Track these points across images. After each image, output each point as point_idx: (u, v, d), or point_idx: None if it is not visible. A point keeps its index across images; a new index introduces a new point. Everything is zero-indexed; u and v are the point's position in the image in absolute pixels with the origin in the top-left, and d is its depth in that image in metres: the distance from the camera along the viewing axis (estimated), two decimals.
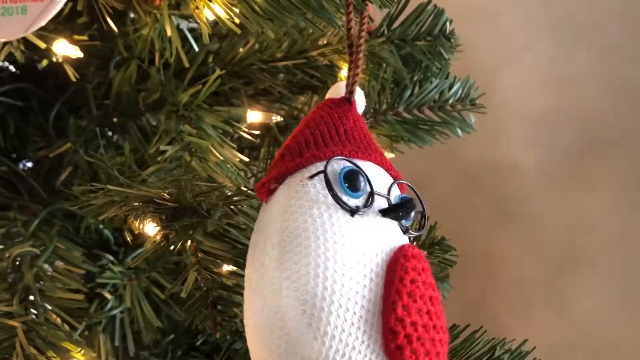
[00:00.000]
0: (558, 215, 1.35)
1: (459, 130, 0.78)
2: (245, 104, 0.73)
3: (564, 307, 1.35)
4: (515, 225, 1.40)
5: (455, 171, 1.46)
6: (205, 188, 0.48)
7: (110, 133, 0.74)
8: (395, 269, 0.42)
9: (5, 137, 0.66)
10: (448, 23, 0.75)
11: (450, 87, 0.77)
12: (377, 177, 0.47)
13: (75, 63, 0.67)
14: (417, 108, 0.76)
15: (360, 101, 0.53)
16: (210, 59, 0.73)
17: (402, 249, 0.43)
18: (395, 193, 0.47)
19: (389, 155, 0.75)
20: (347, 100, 0.51)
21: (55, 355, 0.49)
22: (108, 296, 0.61)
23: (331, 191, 0.42)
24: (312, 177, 0.43)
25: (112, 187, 0.45)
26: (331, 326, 0.39)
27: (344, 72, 0.76)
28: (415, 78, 0.75)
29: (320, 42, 0.73)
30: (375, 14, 0.79)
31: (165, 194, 0.45)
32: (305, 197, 0.43)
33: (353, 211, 0.43)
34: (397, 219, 0.45)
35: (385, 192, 0.46)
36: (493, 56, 1.40)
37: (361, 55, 0.52)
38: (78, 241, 0.62)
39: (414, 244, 0.75)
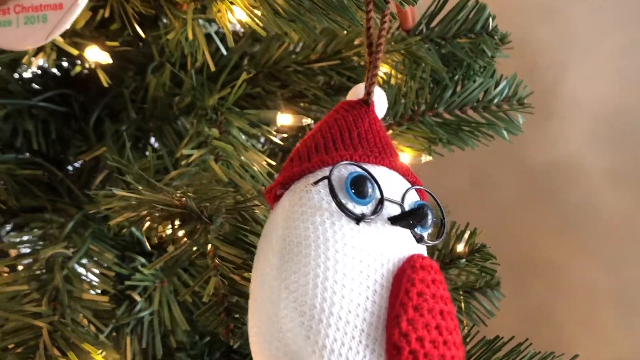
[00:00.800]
0: (629, 221, 1.26)
1: (504, 132, 0.74)
2: (282, 106, 0.73)
3: (637, 321, 1.26)
4: (583, 230, 1.32)
5: (520, 173, 1.40)
6: (218, 193, 0.47)
7: (152, 137, 0.75)
8: (401, 280, 0.40)
9: (47, 141, 0.68)
10: (491, 19, 0.71)
11: (496, 86, 0.73)
12: (391, 182, 0.44)
13: (114, 68, 0.68)
14: (459, 108, 0.73)
15: (380, 103, 0.51)
16: (246, 62, 0.73)
17: (410, 259, 0.41)
18: (411, 200, 0.45)
19: (426, 158, 0.72)
20: (365, 102, 0.49)
21: (76, 357, 0.50)
22: (137, 298, 0.61)
23: (335, 198, 0.41)
24: (316, 182, 0.42)
25: (120, 192, 0.45)
26: (330, 339, 0.37)
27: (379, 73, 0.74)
28: (456, 77, 0.72)
29: (355, 42, 0.72)
30: (415, 12, 0.76)
31: (175, 200, 0.44)
32: (308, 203, 0.41)
33: (358, 219, 0.41)
34: (409, 227, 0.42)
35: (398, 198, 0.43)
36: (559, 53, 1.33)
37: (380, 55, 0.49)
38: (111, 243, 0.63)
39: (453, 251, 0.72)
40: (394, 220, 0.42)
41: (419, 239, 0.44)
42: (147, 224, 0.50)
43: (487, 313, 0.87)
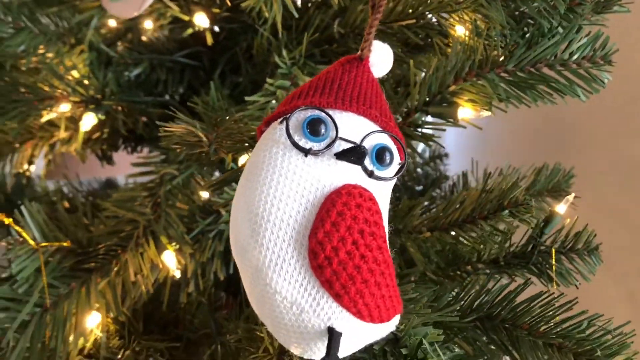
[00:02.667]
0: None
1: (579, 91, 0.73)
2: None
3: None
4: None
5: None
6: None
7: None
8: (326, 201, 0.49)
9: (181, 89, 0.87)
10: None
11: (575, 42, 0.72)
12: (353, 126, 0.53)
13: (229, 32, 0.85)
14: (532, 65, 0.74)
15: (381, 60, 0.58)
16: (336, 23, 0.83)
17: (343, 187, 0.50)
18: (374, 142, 0.53)
19: (486, 114, 0.74)
20: (359, 58, 0.57)
21: (155, 246, 0.69)
22: (223, 212, 0.78)
23: (287, 133, 0.51)
24: (281, 121, 0.53)
25: (167, 126, 0.60)
26: (267, 239, 0.49)
27: (459, 30, 0.77)
28: (527, 34, 0.73)
29: (429, 1, 0.76)
30: None
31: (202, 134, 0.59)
32: (271, 137, 0.53)
33: (306, 152, 0.51)
34: (350, 161, 0.51)
35: (356, 139, 0.52)
36: None
37: (379, 15, 0.57)
38: (210, 170, 0.81)
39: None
40: (337, 156, 0.51)
41: (370, 174, 0.52)
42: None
43: (582, 278, 0.87)
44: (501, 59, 0.73)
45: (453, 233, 0.75)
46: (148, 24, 0.83)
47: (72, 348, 0.58)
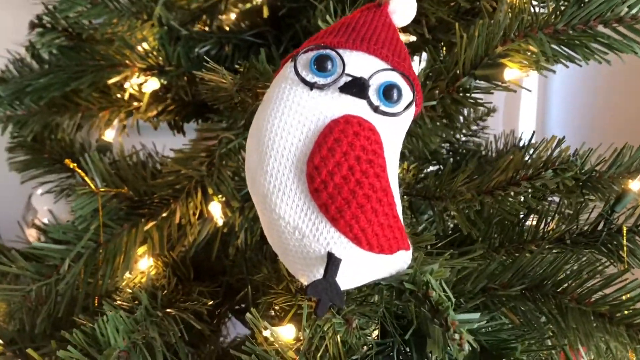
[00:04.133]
0: None
1: (637, 48, 0.69)
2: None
3: None
4: None
5: None
6: None
7: None
8: (324, 129, 0.51)
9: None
10: None
11: None
12: (363, 64, 0.55)
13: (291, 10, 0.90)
14: (584, 23, 0.71)
15: (403, 9, 0.60)
16: None
17: (342, 116, 0.52)
18: (383, 79, 0.54)
19: (533, 72, 0.72)
20: (378, 4, 0.59)
21: (203, 197, 0.74)
22: None
23: (295, 69, 0.54)
24: (292, 60, 0.56)
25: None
26: (270, 166, 0.52)
27: None
28: None
29: None
30: None
31: None
32: (282, 74, 0.56)
33: (311, 85, 0.53)
34: (352, 94, 0.53)
35: (364, 76, 0.54)
36: None
37: None
38: None
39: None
40: (340, 89, 0.53)
41: (375, 109, 0.53)
42: None
43: None
44: (552, 18, 0.71)
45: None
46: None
47: (119, 279, 0.64)
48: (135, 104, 0.88)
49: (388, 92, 0.53)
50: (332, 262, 0.51)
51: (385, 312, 0.68)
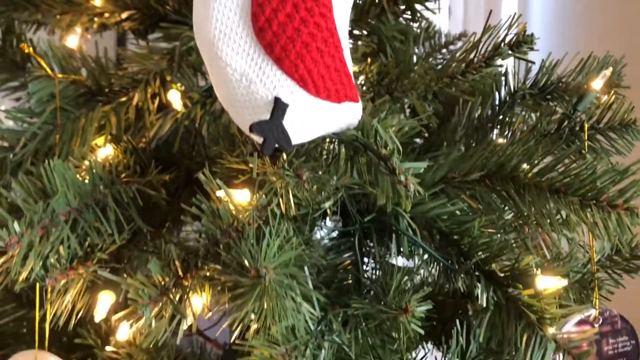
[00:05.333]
0: None
1: None
2: None
3: None
4: None
5: None
6: None
7: None
8: None
9: None
10: None
11: None
12: None
13: None
14: None
15: None
16: None
17: None
18: None
19: None
20: None
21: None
22: None
23: None
24: None
25: None
26: (216, 11, 0.52)
27: None
28: None
29: None
30: None
31: None
32: None
33: None
34: None
35: None
36: None
37: None
38: None
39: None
40: None
41: None
42: None
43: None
44: None
45: None
46: None
47: (78, 160, 0.64)
48: (99, 9, 0.87)
49: None
50: (278, 106, 0.51)
51: (345, 198, 0.69)
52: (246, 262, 0.49)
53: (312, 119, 0.53)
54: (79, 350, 0.81)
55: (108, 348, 0.70)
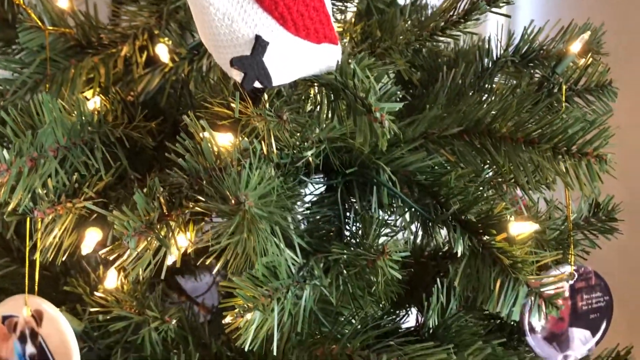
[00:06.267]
0: None
1: None
2: None
3: None
4: None
5: None
6: None
7: None
8: None
9: None
10: None
11: None
12: None
13: None
14: None
15: None
16: None
17: None
18: None
19: None
20: None
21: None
22: None
23: None
24: None
25: None
26: None
27: None
28: None
29: None
30: None
31: None
32: None
33: None
34: None
35: None
36: None
37: None
38: None
39: None
40: None
41: None
42: None
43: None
44: None
45: None
46: None
47: (69, 110, 0.66)
48: None
49: None
50: (259, 43, 0.53)
51: (328, 150, 0.71)
52: (227, 192, 0.51)
53: (292, 58, 0.55)
54: (68, 301, 0.83)
55: (97, 294, 0.71)
